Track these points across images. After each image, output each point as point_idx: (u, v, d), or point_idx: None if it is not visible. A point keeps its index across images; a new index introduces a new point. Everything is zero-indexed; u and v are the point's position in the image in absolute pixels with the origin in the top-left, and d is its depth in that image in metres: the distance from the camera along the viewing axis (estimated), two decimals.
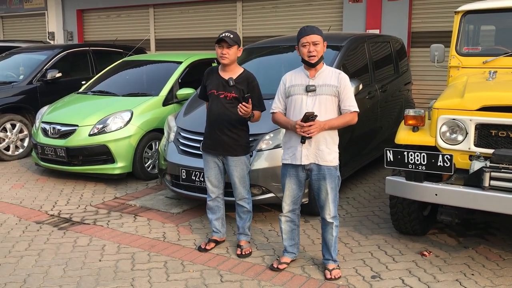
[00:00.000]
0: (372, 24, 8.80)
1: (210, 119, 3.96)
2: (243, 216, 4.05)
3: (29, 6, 14.43)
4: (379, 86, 6.04)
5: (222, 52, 3.81)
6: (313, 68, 3.49)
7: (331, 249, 3.65)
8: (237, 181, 3.93)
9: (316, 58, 3.43)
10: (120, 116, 6.06)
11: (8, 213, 5.10)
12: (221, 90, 3.87)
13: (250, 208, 4.04)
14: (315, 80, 3.48)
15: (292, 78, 3.58)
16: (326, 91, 3.44)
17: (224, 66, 3.90)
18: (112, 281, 3.61)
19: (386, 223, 4.68)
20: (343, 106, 3.47)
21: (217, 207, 4.12)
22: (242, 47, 3.93)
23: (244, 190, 3.97)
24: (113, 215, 5.02)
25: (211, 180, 4.02)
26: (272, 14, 10.20)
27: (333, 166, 3.51)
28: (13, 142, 7.52)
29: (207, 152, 3.99)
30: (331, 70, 3.54)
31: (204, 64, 7.42)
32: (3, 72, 8.49)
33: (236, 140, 3.87)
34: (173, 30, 11.67)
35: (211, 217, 4.16)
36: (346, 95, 3.46)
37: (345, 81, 3.47)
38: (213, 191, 4.05)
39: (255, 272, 3.73)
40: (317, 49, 3.41)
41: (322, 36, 3.47)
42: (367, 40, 6.13)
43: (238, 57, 3.92)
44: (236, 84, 3.83)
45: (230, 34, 3.83)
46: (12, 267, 3.85)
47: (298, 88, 3.51)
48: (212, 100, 3.93)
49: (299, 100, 3.49)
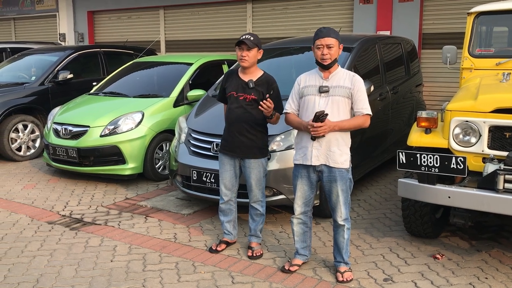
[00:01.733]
0: (382, 26, 8.78)
1: (229, 121, 3.95)
2: (256, 219, 4.04)
3: (40, 8, 14.56)
4: (390, 87, 6.01)
5: (242, 55, 3.80)
6: (327, 70, 3.49)
7: (343, 252, 3.63)
8: (253, 184, 3.92)
9: (329, 61, 3.42)
10: (131, 117, 6.09)
11: (21, 213, 5.14)
12: (240, 92, 3.87)
13: (263, 211, 4.03)
14: (328, 82, 3.48)
15: (306, 79, 3.58)
16: (339, 93, 3.44)
17: (244, 68, 3.88)
18: (124, 282, 3.62)
19: (397, 226, 4.65)
20: (355, 108, 3.46)
21: (229, 210, 4.12)
22: (262, 49, 3.90)
23: (259, 193, 3.96)
24: (124, 216, 5.04)
25: (225, 183, 4.01)
26: (282, 16, 10.20)
27: (344, 168, 3.49)
28: (25, 142, 7.58)
29: (225, 154, 3.98)
30: (345, 72, 3.53)
31: (214, 65, 7.46)
32: (15, 73, 8.57)
33: (254, 142, 3.86)
34: (183, 32, 11.70)
35: (223, 219, 4.16)
36: (359, 97, 3.44)
37: (359, 84, 3.46)
38: (226, 193, 4.04)
39: (267, 274, 3.72)
40: (331, 52, 3.41)
41: (338, 38, 3.46)
42: (378, 41, 6.11)
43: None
44: (256, 86, 3.82)
45: (250, 36, 3.82)
46: (25, 267, 3.87)
47: (311, 88, 3.51)
48: (231, 102, 3.92)
49: (312, 100, 3.49)
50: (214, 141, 4.74)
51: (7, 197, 5.70)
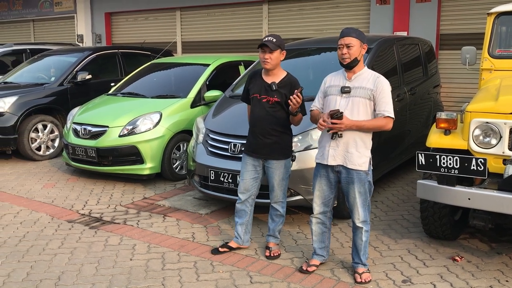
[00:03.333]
0: (399, 26, 8.73)
1: (252, 123, 3.96)
2: (276, 219, 4.05)
3: (59, 10, 14.75)
4: (408, 88, 5.98)
5: (264, 57, 3.80)
6: (351, 70, 3.49)
7: (361, 253, 3.63)
8: (276, 184, 3.93)
9: (348, 60, 3.42)
10: (149, 118, 6.15)
11: (41, 212, 5.22)
12: (263, 94, 3.87)
13: (283, 212, 4.04)
14: (351, 82, 3.48)
15: (332, 79, 3.61)
16: (360, 94, 3.43)
17: (267, 70, 3.89)
18: (143, 280, 3.66)
19: (415, 227, 4.63)
20: (377, 110, 3.45)
21: (244, 212, 4.08)
22: (285, 51, 3.89)
23: (281, 193, 3.96)
24: (143, 215, 5.09)
25: (245, 183, 4.01)
26: (299, 17, 10.20)
27: (362, 170, 3.48)
28: (44, 142, 7.70)
29: (248, 155, 3.99)
30: (370, 74, 3.52)
31: (231, 66, 7.50)
32: (35, 74, 8.69)
33: (278, 143, 3.87)
34: (200, 33, 11.76)
35: (236, 220, 4.16)
36: (381, 99, 3.42)
37: (382, 85, 3.44)
38: (243, 193, 4.03)
39: (285, 274, 3.73)
40: (350, 51, 3.41)
41: (360, 38, 3.46)
42: (396, 42, 6.08)
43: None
44: (278, 88, 3.83)
45: (272, 38, 3.81)
46: (46, 265, 3.94)
47: (334, 88, 3.53)
48: (254, 104, 3.93)
49: (333, 100, 3.51)
50: (231, 142, 4.76)
51: (27, 196, 5.80)
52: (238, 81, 6.06)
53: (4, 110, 7.34)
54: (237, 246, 4.17)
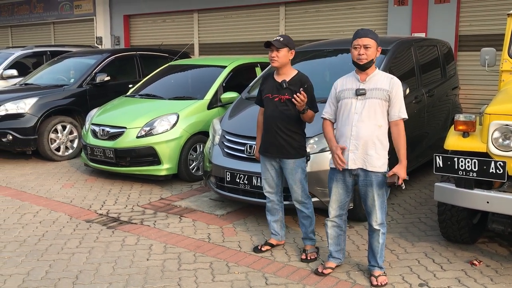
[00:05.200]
0: (417, 28, 8.65)
1: (265, 122, 3.99)
2: (304, 222, 4.04)
3: (78, 12, 14.97)
4: (426, 90, 5.93)
5: (272, 55, 3.86)
6: (364, 72, 3.48)
7: (377, 256, 3.60)
8: (293, 184, 3.94)
9: (365, 61, 3.41)
10: (166, 119, 6.20)
11: (60, 211, 5.30)
12: (275, 93, 3.91)
13: (309, 213, 4.02)
14: (365, 84, 3.47)
15: (343, 83, 3.58)
16: (376, 95, 3.42)
17: (278, 70, 3.93)
18: (159, 280, 3.69)
19: (433, 230, 4.58)
20: (392, 112, 3.43)
21: (275, 210, 4.15)
22: (294, 50, 3.92)
23: (301, 194, 3.96)
24: (159, 216, 5.14)
25: (268, 182, 4.06)
26: (315, 18, 10.18)
27: (381, 172, 3.46)
28: (64, 143, 7.81)
29: (264, 155, 4.03)
30: (383, 75, 3.51)
31: (247, 68, 7.52)
32: (55, 75, 8.83)
33: (290, 143, 3.88)
34: (217, 35, 11.82)
35: (269, 218, 4.20)
36: (396, 101, 3.42)
37: (397, 86, 3.43)
38: (269, 192, 4.09)
39: (300, 276, 3.73)
40: (368, 52, 3.40)
41: (377, 40, 3.46)
42: (414, 43, 6.04)
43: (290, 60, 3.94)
44: (289, 86, 3.86)
45: (280, 37, 3.87)
46: (65, 263, 4.00)
47: (348, 92, 3.51)
48: (266, 104, 3.97)
49: (348, 104, 3.49)
50: (247, 143, 4.78)
51: (47, 196, 5.89)
52: (254, 82, 6.08)
53: (24, 111, 7.47)
54: (277, 243, 4.22)
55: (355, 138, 3.44)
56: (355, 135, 3.44)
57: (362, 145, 3.43)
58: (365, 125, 3.42)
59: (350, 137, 3.46)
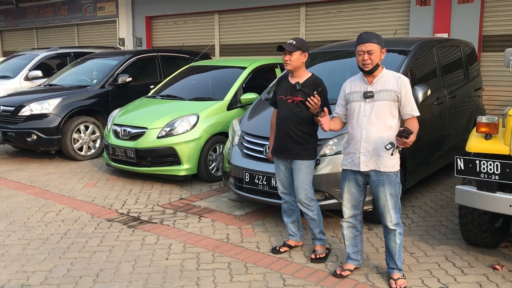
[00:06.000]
0: (440, 28, 8.54)
1: (278, 123, 4.01)
2: (310, 225, 4.05)
3: (102, 14, 15.19)
4: (448, 91, 5.85)
5: (285, 59, 3.88)
6: (371, 75, 3.46)
7: (396, 258, 3.57)
8: (298, 185, 3.94)
9: (370, 66, 3.40)
10: (186, 120, 6.25)
11: (82, 210, 5.39)
12: (288, 95, 3.93)
13: (313, 215, 4.01)
14: (373, 86, 3.45)
15: (351, 85, 3.58)
16: (385, 97, 3.41)
17: (292, 72, 3.95)
18: (178, 280, 3.73)
19: (454, 234, 4.52)
20: (405, 111, 3.42)
21: (291, 210, 4.16)
22: (307, 52, 3.93)
23: (304, 196, 3.93)
24: (179, 215, 5.18)
25: (282, 183, 4.08)
26: (337, 19, 10.13)
27: (393, 172, 3.45)
28: (86, 143, 7.94)
29: (276, 156, 4.05)
30: (390, 74, 3.48)
31: (267, 69, 7.53)
32: (78, 76, 8.99)
33: (302, 144, 3.88)
34: (237, 36, 11.86)
35: (286, 220, 4.21)
36: (407, 100, 3.41)
37: (405, 86, 3.42)
38: (284, 192, 4.11)
39: (318, 277, 3.72)
40: (372, 57, 3.38)
41: (379, 43, 3.42)
42: (436, 44, 5.96)
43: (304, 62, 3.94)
44: (302, 88, 3.87)
45: (293, 41, 3.89)
46: (86, 262, 4.07)
47: (356, 95, 3.51)
48: (280, 105, 3.99)
49: (357, 107, 3.49)
50: (266, 144, 4.78)
51: (69, 195, 6.00)
52: (273, 83, 6.08)
53: (48, 111, 7.62)
54: (295, 244, 4.23)
55: (366, 141, 3.43)
56: (365, 138, 3.44)
57: (372, 148, 3.42)
58: (375, 128, 3.42)
59: (361, 140, 3.45)
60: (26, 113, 7.64)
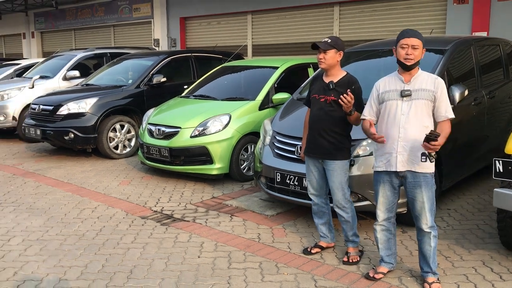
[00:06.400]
0: (479, 26, 8.32)
1: (310, 123, 3.99)
2: (344, 227, 4.01)
3: (137, 15, 15.48)
4: (487, 92, 5.68)
5: (319, 57, 3.85)
6: (408, 73, 3.41)
7: (430, 261, 3.50)
8: (334, 187, 3.90)
9: (412, 62, 3.34)
10: (219, 120, 6.30)
11: (117, 208, 5.51)
12: (322, 94, 3.90)
13: (347, 217, 3.97)
14: (410, 85, 3.39)
15: (386, 84, 3.51)
16: (422, 96, 3.34)
17: (326, 71, 3.92)
18: (210, 278, 3.76)
19: (492, 238, 4.39)
20: (438, 113, 3.36)
21: (322, 212, 4.13)
22: (342, 51, 3.89)
23: (341, 198, 3.91)
24: (211, 214, 5.22)
25: (312, 184, 4.05)
26: (371, 18, 10.01)
27: (429, 173, 3.39)
28: (122, 141, 8.10)
29: (308, 156, 4.03)
30: (427, 75, 3.43)
31: (300, 69, 7.51)
32: (114, 76, 9.16)
33: (335, 144, 3.85)
34: (270, 36, 11.87)
35: (317, 221, 4.19)
36: (442, 102, 3.35)
37: (442, 87, 3.37)
38: (314, 194, 4.08)
39: (350, 280, 3.68)
40: (415, 53, 3.33)
41: (423, 42, 3.39)
42: (474, 43, 5.80)
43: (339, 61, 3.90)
44: (336, 87, 3.83)
45: (328, 39, 3.86)
46: (120, 258, 4.15)
47: (392, 93, 3.44)
48: (313, 104, 3.97)
49: (394, 105, 3.42)
50: (298, 144, 4.76)
51: (105, 192, 6.14)
52: (306, 83, 6.05)
53: (85, 110, 7.80)
54: (326, 245, 4.21)
55: (403, 140, 3.38)
56: (403, 137, 3.38)
57: (410, 147, 3.35)
58: (413, 126, 3.36)
59: (398, 139, 3.39)
60: (64, 112, 7.85)
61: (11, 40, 22.26)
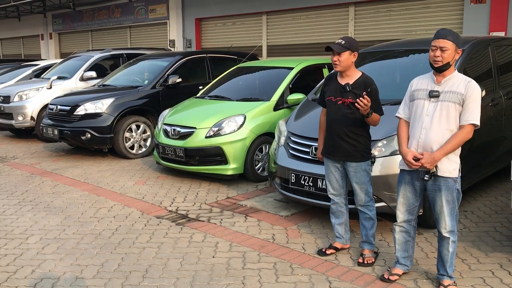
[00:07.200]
0: (496, 26, 8.21)
1: (328, 125, 3.98)
2: (365, 223, 3.99)
3: (153, 16, 15.59)
4: (504, 92, 5.61)
5: (333, 60, 3.82)
6: (441, 74, 3.36)
7: (447, 265, 3.46)
8: (357, 187, 3.90)
9: (440, 64, 3.29)
10: (234, 120, 6.32)
11: (132, 207, 5.56)
12: (338, 96, 3.88)
13: (372, 215, 3.96)
14: (441, 86, 3.35)
15: (418, 82, 3.49)
16: (450, 98, 3.29)
17: (341, 72, 3.89)
18: (224, 278, 3.77)
19: (509, 241, 4.33)
20: (462, 116, 3.28)
21: (340, 212, 4.12)
22: (357, 51, 3.86)
23: (365, 197, 3.91)
24: (226, 214, 5.24)
25: (332, 184, 4.05)
26: (386, 18, 9.94)
27: (451, 177, 3.33)
28: (137, 141, 8.17)
29: (327, 158, 4.02)
30: (460, 78, 3.35)
31: (315, 69, 7.49)
32: (130, 77, 9.25)
33: (354, 146, 3.84)
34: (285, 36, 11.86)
35: (334, 221, 4.18)
36: (469, 105, 3.25)
37: (473, 90, 3.26)
38: (333, 194, 4.07)
39: (365, 281, 3.66)
40: (444, 55, 3.27)
41: (456, 42, 3.29)
42: (492, 43, 5.73)
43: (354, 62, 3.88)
44: (353, 89, 3.81)
45: (342, 40, 3.82)
46: (135, 257, 4.18)
47: (421, 92, 3.41)
48: (329, 106, 3.95)
49: (420, 105, 3.39)
50: (313, 145, 4.75)
51: (121, 192, 6.20)
52: (320, 84, 6.03)
53: (102, 111, 7.89)
54: (341, 247, 4.20)
55: (423, 141, 3.35)
56: (423, 138, 3.34)
57: (430, 150, 3.31)
58: (436, 129, 3.31)
59: (419, 140, 3.37)
60: (81, 113, 7.95)
61: (29, 41, 22.61)
